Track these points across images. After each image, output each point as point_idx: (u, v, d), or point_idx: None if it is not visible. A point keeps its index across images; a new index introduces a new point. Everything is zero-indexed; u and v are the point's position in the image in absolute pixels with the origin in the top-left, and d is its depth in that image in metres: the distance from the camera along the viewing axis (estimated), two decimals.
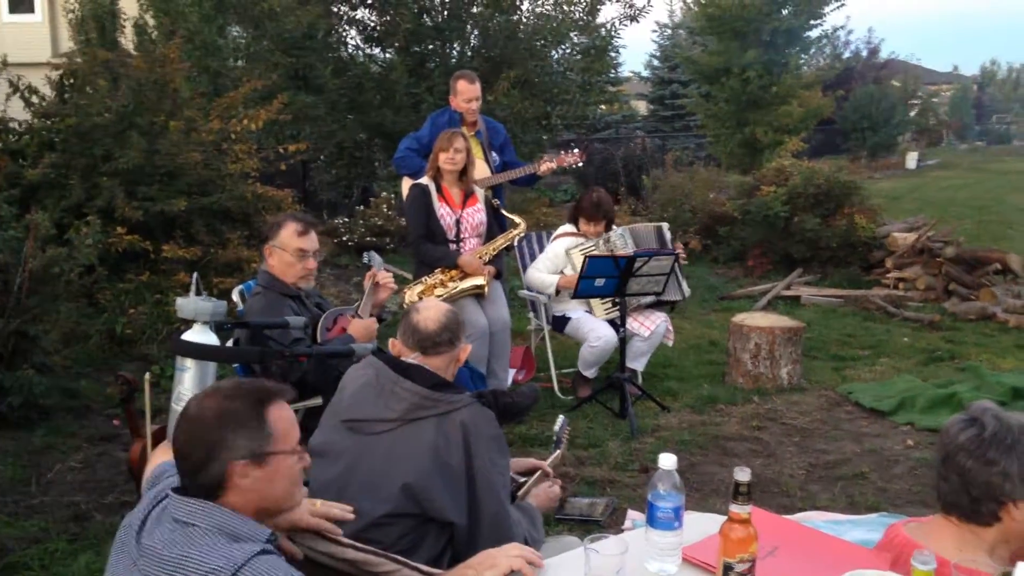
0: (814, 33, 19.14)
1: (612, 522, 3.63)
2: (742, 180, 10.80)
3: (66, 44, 11.17)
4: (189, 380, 2.49)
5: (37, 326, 4.71)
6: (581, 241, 5.24)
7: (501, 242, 4.89)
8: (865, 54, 28.23)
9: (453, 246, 4.78)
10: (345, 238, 9.51)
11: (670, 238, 5.49)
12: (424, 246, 4.79)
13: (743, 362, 5.51)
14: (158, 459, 1.90)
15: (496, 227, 4.99)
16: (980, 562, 1.73)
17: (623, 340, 4.95)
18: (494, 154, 5.48)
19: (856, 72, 25.60)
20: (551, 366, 5.37)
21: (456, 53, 11.15)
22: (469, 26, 11.05)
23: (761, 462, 4.29)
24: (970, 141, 33.77)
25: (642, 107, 27.61)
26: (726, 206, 9.73)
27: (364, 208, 10.17)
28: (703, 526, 1.92)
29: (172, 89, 6.38)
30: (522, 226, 5.00)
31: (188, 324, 2.61)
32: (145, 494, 1.72)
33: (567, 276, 5.11)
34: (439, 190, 4.75)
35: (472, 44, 11.22)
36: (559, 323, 5.32)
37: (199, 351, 2.39)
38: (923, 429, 4.74)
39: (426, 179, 4.78)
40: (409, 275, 5.71)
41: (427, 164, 4.84)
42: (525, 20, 11.11)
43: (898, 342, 6.65)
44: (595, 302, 5.25)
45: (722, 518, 1.98)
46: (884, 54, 29.21)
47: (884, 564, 1.77)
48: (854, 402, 5.22)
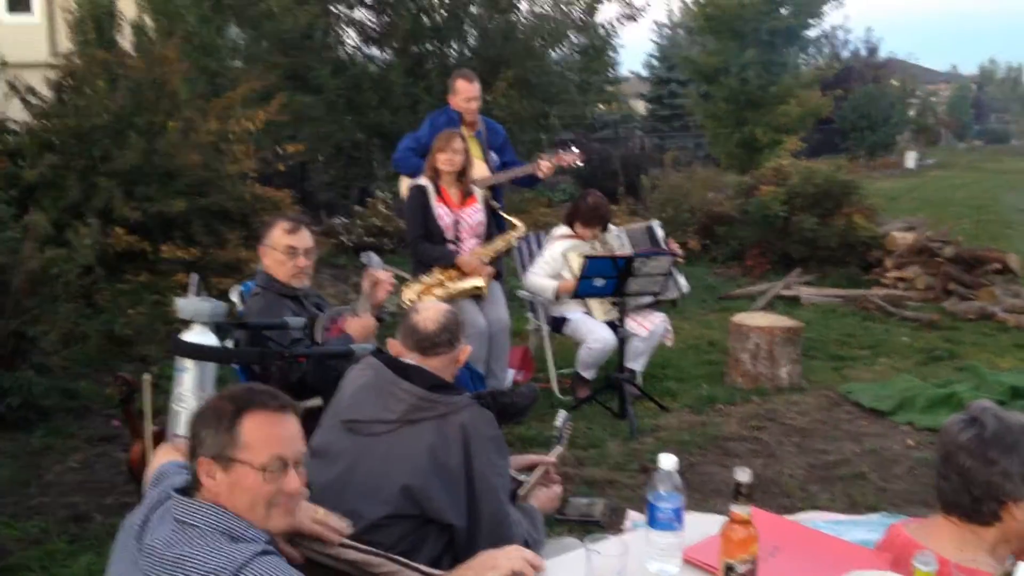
0: (813, 33, 19.18)
1: (612, 522, 3.63)
2: (740, 180, 10.80)
3: (64, 44, 11.16)
4: (189, 381, 2.49)
5: (36, 327, 4.71)
6: (577, 243, 5.24)
7: (500, 245, 4.89)
8: (864, 53, 28.26)
9: (451, 246, 4.78)
10: (343, 238, 9.50)
11: (663, 236, 5.49)
12: (422, 246, 4.79)
13: (742, 362, 5.51)
14: (160, 459, 1.90)
15: (495, 227, 4.99)
16: (981, 562, 1.74)
17: (622, 340, 4.95)
18: (493, 154, 5.47)
19: (855, 72, 25.60)
20: (550, 366, 5.37)
21: (454, 53, 11.15)
22: (467, 26, 11.05)
23: (761, 462, 4.29)
24: (968, 140, 33.81)
25: (640, 107, 27.59)
26: (724, 206, 9.73)
27: (362, 208, 10.16)
28: (703, 527, 1.91)
29: (170, 90, 6.37)
30: (521, 229, 4.99)
31: (187, 325, 2.60)
32: (147, 494, 1.72)
33: (566, 282, 5.10)
34: (437, 190, 4.75)
35: (470, 44, 11.21)
36: (557, 324, 5.32)
37: (199, 352, 2.39)
38: (923, 429, 4.74)
39: (424, 179, 4.78)
40: (408, 275, 5.71)
41: (426, 164, 4.84)
42: (523, 20, 11.11)
43: (897, 342, 6.65)
44: (594, 303, 5.25)
45: (722, 519, 1.98)
46: (883, 53, 29.27)
47: (885, 564, 1.77)
48: (853, 402, 5.22)
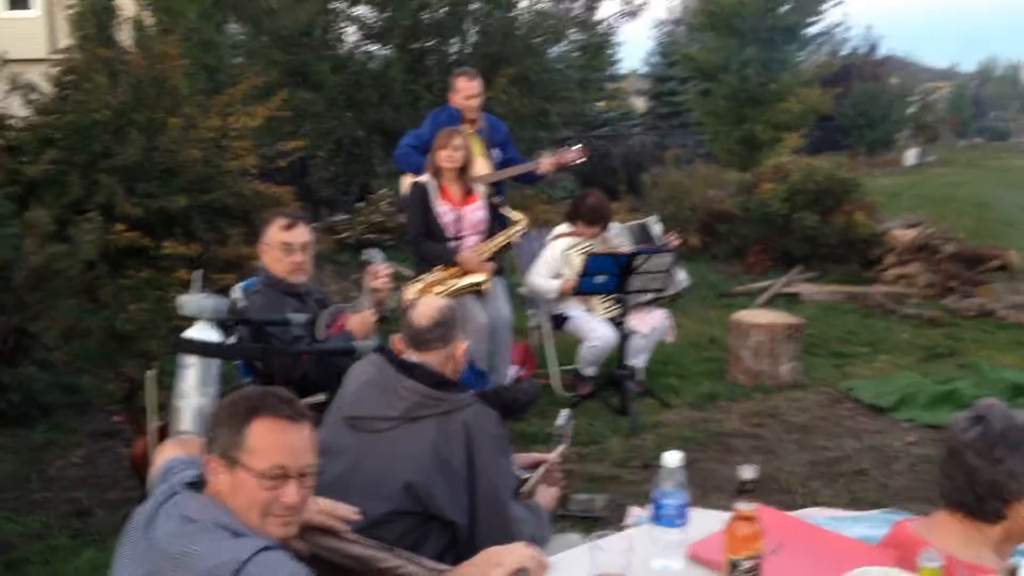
0: (813, 30, 19.17)
1: (614, 519, 3.63)
2: (741, 177, 10.80)
3: (64, 40, 11.14)
4: (192, 377, 2.50)
5: (37, 323, 4.70)
6: (578, 241, 5.24)
7: (501, 239, 4.88)
8: (863, 51, 28.24)
9: (453, 244, 4.78)
10: (345, 235, 9.49)
11: (659, 231, 5.48)
12: (424, 244, 4.78)
13: (743, 359, 5.51)
14: (165, 455, 1.90)
15: (496, 224, 4.98)
16: (985, 559, 1.74)
17: (624, 337, 4.95)
18: (495, 151, 5.47)
19: (854, 69, 25.59)
20: (551, 363, 5.37)
21: (454, 50, 11.13)
22: (467, 23, 11.03)
23: (762, 459, 4.29)
24: (969, 138, 33.80)
25: (640, 104, 27.56)
26: (725, 203, 9.73)
27: (363, 205, 10.15)
28: (705, 523, 1.91)
29: (171, 86, 6.36)
30: (523, 223, 4.99)
31: (190, 321, 2.61)
32: (155, 488, 1.72)
33: (569, 282, 5.10)
34: (439, 188, 4.75)
35: (470, 41, 11.19)
36: (559, 321, 5.32)
37: (202, 348, 2.40)
38: (924, 425, 4.74)
39: (426, 177, 4.78)
40: (410, 272, 5.70)
41: (427, 162, 4.84)
42: (523, 17, 11.10)
43: (898, 339, 6.66)
44: (595, 301, 5.25)
45: (724, 515, 1.98)
46: (882, 51, 29.27)
47: (889, 561, 1.77)
48: (854, 399, 5.22)
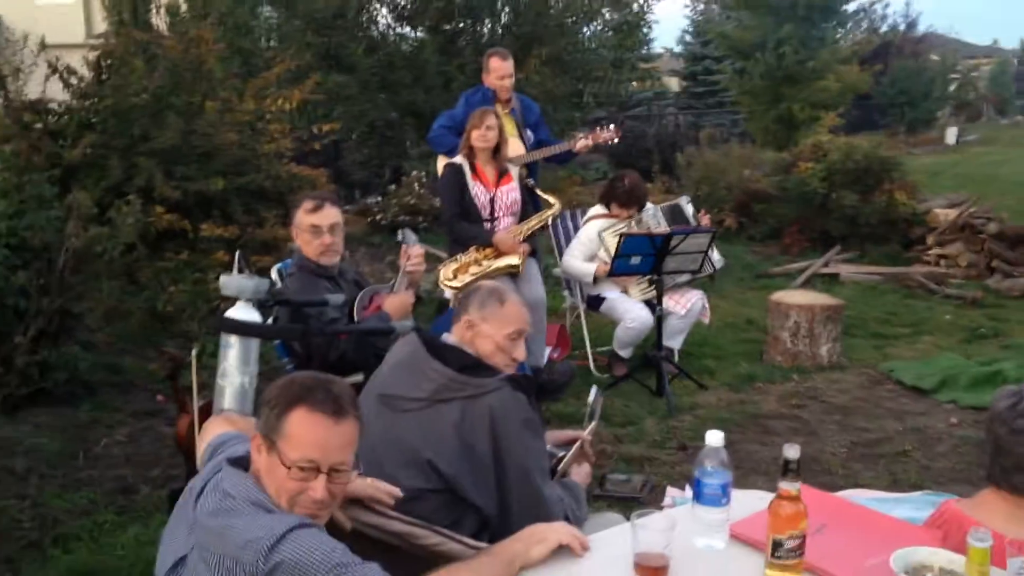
0: (851, 6, 18.79)
1: (651, 499, 3.63)
2: (778, 157, 10.65)
3: (99, 26, 11.25)
4: (233, 356, 2.51)
5: (80, 304, 4.78)
6: (613, 222, 5.21)
7: (535, 222, 4.86)
8: (903, 28, 27.64)
9: (487, 225, 4.77)
10: (378, 217, 9.53)
11: (692, 212, 5.43)
12: (458, 225, 4.78)
13: (782, 340, 5.45)
14: (213, 431, 1.93)
15: (531, 206, 4.97)
16: None
17: (659, 318, 4.92)
18: (528, 132, 5.45)
19: (893, 46, 25.05)
20: (586, 344, 5.36)
21: (487, 31, 11.08)
22: (500, 3, 10.97)
23: (801, 440, 4.25)
24: (1011, 116, 33.01)
25: (674, 83, 27.26)
26: (762, 183, 9.60)
27: (396, 187, 10.17)
28: (745, 503, 1.90)
29: (207, 70, 6.40)
30: (557, 206, 4.97)
31: (228, 302, 2.63)
32: (205, 464, 1.75)
33: (604, 266, 5.07)
34: (473, 169, 4.73)
35: (503, 21, 11.14)
36: (594, 302, 5.30)
37: (244, 328, 2.41)
38: (967, 407, 4.68)
39: (460, 158, 4.77)
40: (443, 254, 5.71)
41: (460, 143, 4.83)
42: None
43: (940, 320, 6.56)
44: (631, 283, 5.22)
45: (763, 495, 1.97)
46: (922, 28, 28.60)
47: (935, 541, 1.75)
48: (895, 380, 5.16)
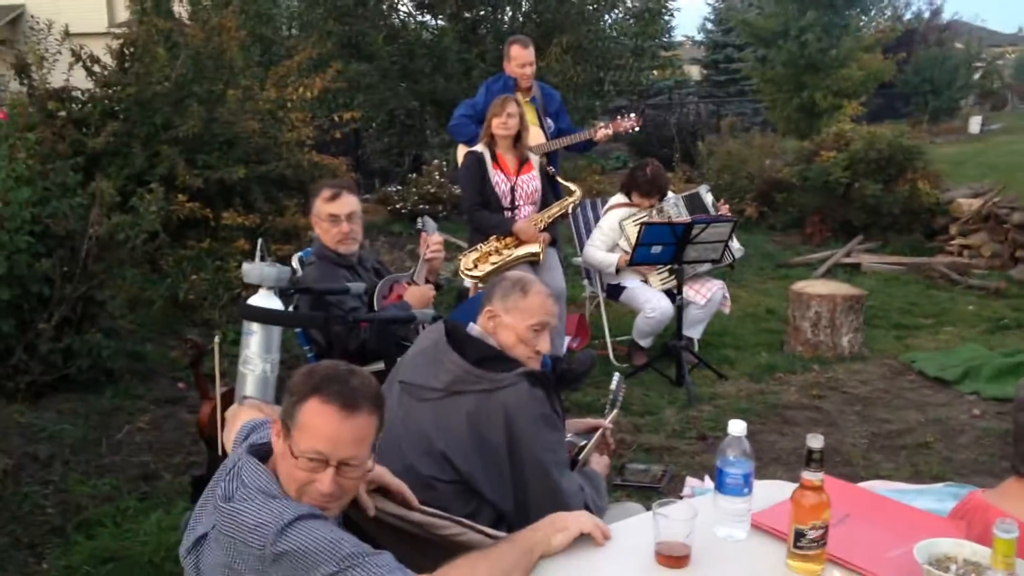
0: None
1: (670, 489, 3.63)
2: (800, 145, 10.56)
3: (122, 14, 11.31)
4: (255, 344, 2.54)
5: (103, 291, 4.82)
6: (635, 211, 5.19)
7: (556, 210, 4.85)
8: (927, 15, 27.29)
9: (508, 213, 4.76)
10: (398, 206, 9.55)
11: (712, 200, 5.40)
12: (479, 214, 4.77)
13: (803, 330, 5.42)
14: (243, 417, 1.96)
15: (551, 194, 4.95)
16: None
17: (679, 308, 4.90)
18: (549, 120, 5.43)
19: (918, 34, 24.74)
20: (606, 333, 5.35)
21: (507, 19, 11.05)
22: None
23: (822, 431, 4.19)
24: None
25: (695, 72, 27.07)
26: (783, 172, 9.53)
27: (416, 176, 10.19)
28: (765, 493, 1.89)
29: (228, 58, 6.42)
30: (577, 194, 4.95)
31: (250, 289, 2.64)
32: (239, 444, 1.82)
33: (624, 256, 5.06)
34: (494, 157, 4.72)
35: (524, 9, 11.09)
36: (614, 292, 5.29)
37: (266, 316, 2.43)
38: (989, 399, 4.63)
39: (481, 146, 4.76)
40: (463, 243, 5.71)
41: (481, 131, 4.82)
42: None
43: (963, 310, 6.49)
44: (651, 272, 5.21)
45: (784, 485, 1.96)
46: (946, 15, 28.19)
47: (959, 533, 1.73)
48: (917, 371, 5.12)
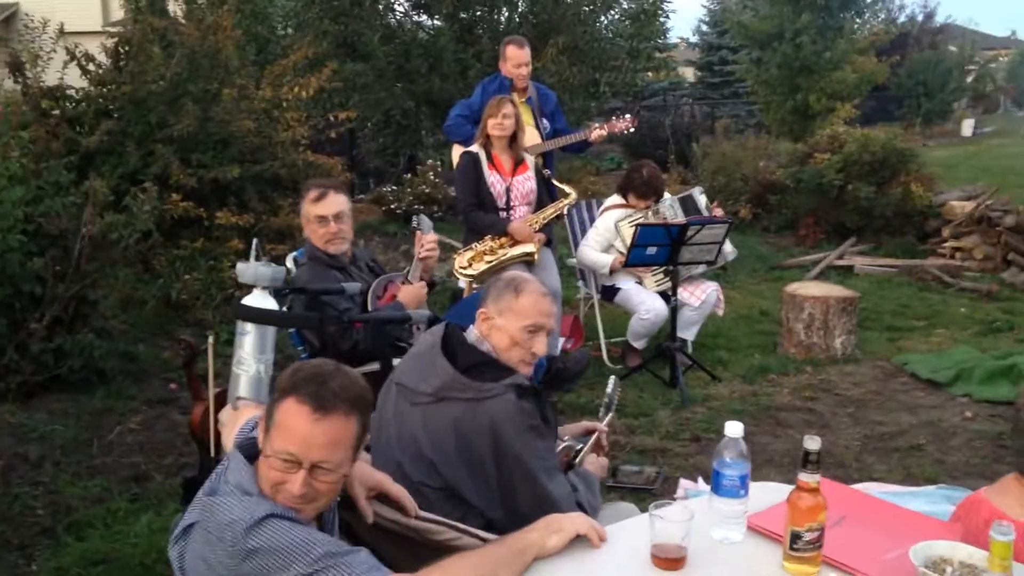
0: None
1: (663, 491, 3.62)
2: (794, 148, 10.58)
3: (117, 12, 11.27)
4: (249, 344, 2.51)
5: (96, 291, 4.80)
6: (630, 213, 5.19)
7: (551, 211, 4.85)
8: (921, 18, 27.38)
9: (503, 214, 4.76)
10: (393, 206, 9.53)
11: (705, 202, 5.41)
12: (474, 214, 4.77)
13: (796, 332, 5.43)
14: (248, 414, 1.96)
15: (546, 195, 4.95)
16: None
17: (674, 309, 4.90)
18: (545, 121, 5.43)
19: (911, 37, 24.82)
20: (600, 335, 5.35)
21: (504, 19, 11.04)
22: None
23: (815, 433, 4.20)
24: None
25: (690, 74, 27.11)
26: (777, 174, 9.55)
27: (411, 176, 10.17)
28: (760, 495, 1.89)
29: (224, 57, 6.41)
30: (572, 196, 4.96)
31: (244, 289, 2.62)
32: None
33: (620, 258, 5.06)
34: (489, 158, 4.72)
35: (520, 10, 11.09)
36: (608, 293, 5.29)
37: (260, 316, 2.41)
38: (981, 401, 4.64)
39: (476, 147, 4.76)
40: (457, 243, 5.70)
41: (477, 131, 4.82)
42: None
43: (955, 312, 6.51)
44: (646, 274, 5.21)
45: (780, 487, 1.96)
46: (940, 19, 28.30)
47: (955, 535, 1.74)
48: (910, 373, 5.13)
